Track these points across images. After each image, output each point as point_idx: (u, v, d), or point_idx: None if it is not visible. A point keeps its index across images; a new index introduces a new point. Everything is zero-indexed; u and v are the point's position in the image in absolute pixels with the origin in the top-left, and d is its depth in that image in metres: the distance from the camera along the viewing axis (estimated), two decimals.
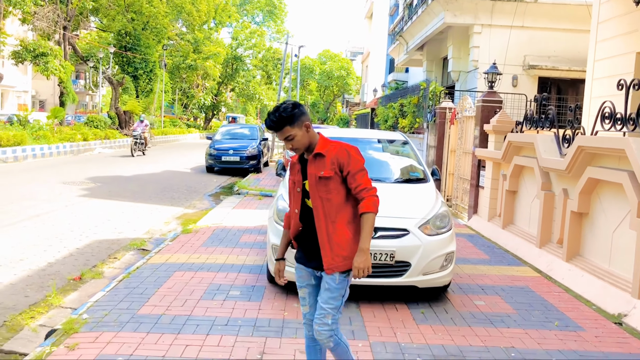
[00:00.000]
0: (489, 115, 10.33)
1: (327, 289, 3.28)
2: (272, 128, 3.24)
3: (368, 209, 3.21)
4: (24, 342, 4.76)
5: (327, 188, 3.23)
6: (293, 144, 3.24)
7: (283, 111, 3.20)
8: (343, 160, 3.22)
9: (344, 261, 3.23)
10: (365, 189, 3.24)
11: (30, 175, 15.90)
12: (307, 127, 3.26)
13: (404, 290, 5.84)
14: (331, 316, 3.26)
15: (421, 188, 6.38)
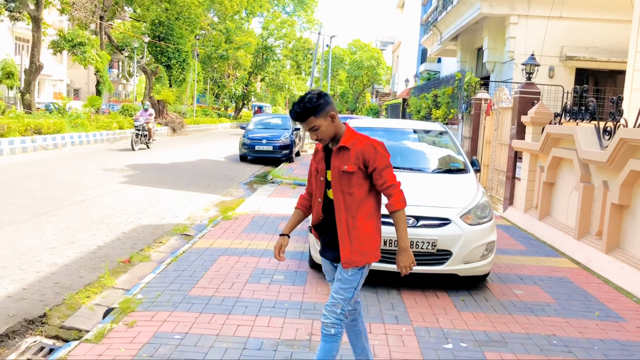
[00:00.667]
0: (527, 106, 10.30)
1: (339, 279, 3.27)
2: (297, 118, 3.22)
3: (399, 206, 3.19)
4: (82, 319, 5.02)
5: (350, 182, 3.19)
6: (318, 134, 3.21)
7: (308, 102, 3.17)
8: (369, 156, 3.17)
9: (362, 256, 3.21)
10: (392, 185, 3.20)
11: (71, 162, 16.37)
12: (333, 118, 3.22)
13: (444, 278, 5.96)
14: (341, 306, 3.24)
15: (462, 178, 6.47)
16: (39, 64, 23.16)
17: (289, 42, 60.71)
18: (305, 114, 3.16)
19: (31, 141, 19.45)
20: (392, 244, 5.45)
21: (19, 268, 6.10)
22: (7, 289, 5.45)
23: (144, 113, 22.38)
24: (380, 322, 4.77)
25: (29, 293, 5.42)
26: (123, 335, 4.28)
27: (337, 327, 3.24)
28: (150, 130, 22.17)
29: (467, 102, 14.65)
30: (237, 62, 52.05)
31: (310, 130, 3.20)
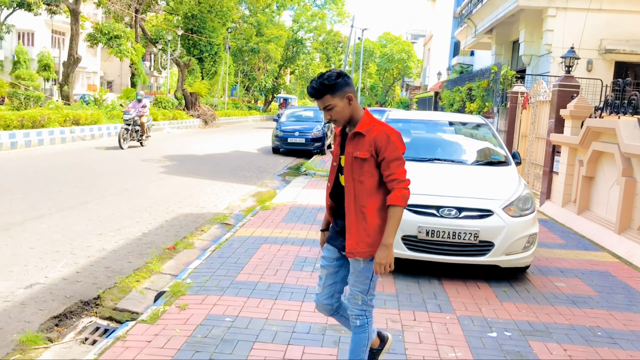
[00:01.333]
0: (565, 100, 10.20)
1: (353, 272, 3.21)
2: (313, 95, 3.12)
3: (397, 202, 3.03)
4: (134, 302, 5.22)
5: (361, 170, 3.08)
6: (332, 114, 3.10)
7: (326, 79, 3.07)
8: (381, 144, 3.04)
9: (368, 248, 3.10)
10: (396, 179, 3.04)
11: (110, 152, 16.74)
12: (350, 99, 3.10)
13: (484, 269, 6.00)
14: (360, 298, 3.20)
15: (503, 171, 6.48)
16: (77, 57, 23.68)
17: (319, 35, 60.75)
18: (321, 91, 3.07)
19: (70, 132, 19.94)
20: (432, 234, 5.52)
21: (70, 252, 6.33)
22: (61, 272, 5.67)
23: (137, 105, 19.07)
24: (424, 311, 4.85)
25: (82, 276, 5.64)
26: (176, 317, 4.45)
27: (362, 318, 3.24)
28: (144, 125, 18.94)
29: (502, 96, 14.54)
30: (267, 55, 52.31)
31: (325, 110, 3.11)
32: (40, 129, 18.24)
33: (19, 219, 7.58)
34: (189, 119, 33.56)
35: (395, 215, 3.05)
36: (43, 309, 4.74)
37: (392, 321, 4.57)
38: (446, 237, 5.53)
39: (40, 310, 4.70)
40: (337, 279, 3.36)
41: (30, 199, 8.96)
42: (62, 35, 52.25)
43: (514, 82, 14.52)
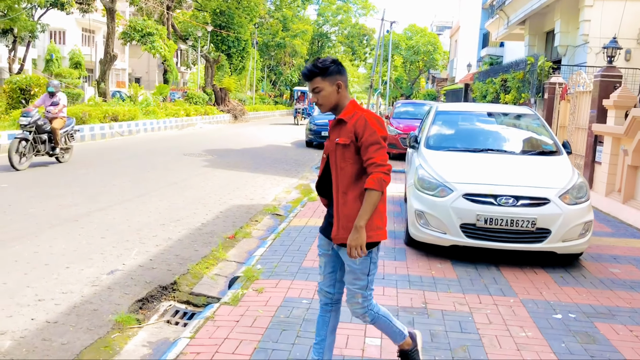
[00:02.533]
0: (608, 90, 10.26)
1: (349, 271, 3.20)
2: (305, 76, 3.18)
3: (372, 186, 2.98)
4: (207, 287, 5.51)
5: (343, 156, 3.08)
6: (319, 97, 3.13)
7: (320, 63, 3.14)
8: (359, 129, 3.03)
9: (348, 234, 3.07)
10: (374, 163, 3.01)
11: (152, 146, 17.18)
12: (339, 87, 3.13)
13: (539, 256, 6.18)
14: (360, 295, 3.20)
15: (556, 160, 6.63)
16: (113, 54, 24.21)
17: (345, 29, 60.77)
18: (313, 72, 3.11)
19: (109, 128, 20.48)
20: (491, 222, 5.71)
21: (139, 242, 6.66)
22: (136, 260, 6.00)
23: (47, 99, 12.29)
24: (488, 294, 5.06)
25: (156, 263, 5.95)
26: (255, 299, 4.72)
27: (369, 312, 3.26)
28: (57, 132, 12.11)
29: (539, 87, 14.57)
30: (293, 50, 52.57)
31: (313, 92, 3.14)
32: (82, 125, 18.76)
33: (84, 211, 7.95)
34: (220, 114, 34.03)
35: (370, 199, 2.99)
36: (128, 293, 5.06)
37: (459, 304, 4.79)
38: (504, 225, 5.72)
39: (125, 294, 5.01)
40: (337, 267, 3.34)
41: (89, 192, 9.35)
42: (92, 34, 53.15)
43: (551, 73, 14.53)
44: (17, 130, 13.99)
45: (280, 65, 56.25)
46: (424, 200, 6.09)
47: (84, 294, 4.92)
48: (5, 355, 3.75)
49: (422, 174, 6.30)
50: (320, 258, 3.43)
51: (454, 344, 4.00)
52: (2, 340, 3.94)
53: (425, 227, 6.06)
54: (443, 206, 5.90)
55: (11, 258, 5.72)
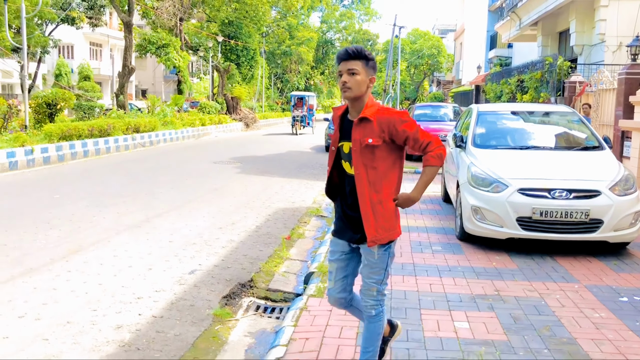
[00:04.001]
0: (633, 87, 10.58)
1: (367, 264, 3.21)
2: (347, 55, 3.09)
3: (434, 163, 3.09)
4: (281, 283, 5.84)
5: (374, 156, 3.06)
6: (351, 80, 3.06)
7: (364, 49, 3.13)
8: (395, 127, 3.05)
9: (387, 233, 3.12)
10: (429, 142, 3.08)
11: (179, 156, 17.56)
12: (371, 81, 3.13)
13: (588, 246, 6.50)
14: (375, 288, 3.22)
15: (601, 155, 6.96)
16: (131, 67, 24.63)
17: (349, 35, 61.25)
18: (358, 55, 3.07)
19: (132, 139, 20.83)
20: (546, 215, 6.03)
21: (205, 244, 7.00)
22: (209, 260, 6.33)
23: None
24: (552, 281, 5.38)
25: (228, 263, 6.28)
26: None
27: (377, 308, 3.26)
28: None
29: (559, 85, 14.90)
30: (299, 57, 53.03)
31: (347, 72, 3.07)
32: (107, 137, 19.15)
33: (142, 218, 8.29)
34: (232, 122, 34.43)
35: (430, 173, 3.11)
36: (213, 290, 5.39)
37: (529, 291, 5.11)
38: (559, 217, 6.04)
39: (212, 291, 5.34)
40: (348, 271, 3.36)
41: (140, 200, 9.69)
42: (99, 47, 53.79)
43: (569, 72, 14.87)
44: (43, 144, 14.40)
45: (287, 72, 56.72)
46: (479, 196, 6.42)
47: (176, 291, 5.25)
48: (130, 345, 4.08)
49: (475, 171, 6.63)
50: (331, 264, 3.39)
51: (536, 325, 4.31)
52: (122, 333, 4.28)
53: (482, 221, 6.38)
54: (499, 201, 6.22)
55: (96, 262, 6.06)
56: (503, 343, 3.96)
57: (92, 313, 4.63)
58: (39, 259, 6.05)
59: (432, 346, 3.91)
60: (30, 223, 7.71)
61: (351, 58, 3.07)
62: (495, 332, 4.17)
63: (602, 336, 4.13)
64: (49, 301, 4.85)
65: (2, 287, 5.17)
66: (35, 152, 14.99)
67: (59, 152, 16.11)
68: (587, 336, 4.12)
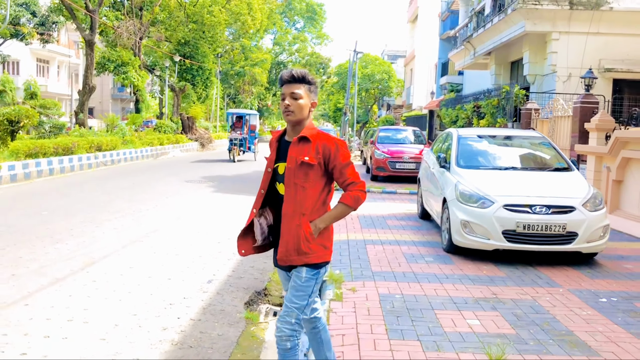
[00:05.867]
0: (587, 115, 11.63)
1: (293, 286, 3.16)
2: (291, 78, 3.10)
3: (348, 202, 3.12)
4: None
5: (307, 176, 3.07)
6: (294, 105, 3.08)
7: (308, 74, 3.15)
8: (330, 152, 3.08)
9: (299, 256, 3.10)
10: (352, 182, 3.11)
11: (146, 175, 17.66)
12: (312, 105, 3.16)
13: (562, 257, 7.25)
14: (295, 315, 3.13)
15: (571, 175, 7.77)
16: (92, 85, 24.52)
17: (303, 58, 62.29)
18: (301, 79, 3.10)
19: (94, 157, 20.76)
20: (528, 228, 6.73)
21: (213, 257, 7.36)
22: (220, 271, 6.70)
23: None
24: (539, 286, 6.04)
25: (240, 273, 6.68)
26: (354, 296, 5.54)
27: (292, 340, 3.14)
28: None
29: (515, 112, 15.99)
30: (253, 78, 53.57)
31: (290, 96, 3.09)
32: (71, 155, 19.05)
33: (141, 233, 8.55)
34: (189, 142, 34.48)
35: (341, 210, 3.14)
36: (235, 297, 5.79)
37: (522, 294, 5.75)
38: (539, 230, 6.75)
39: (235, 298, 5.74)
40: None
41: (131, 217, 9.91)
42: (47, 64, 52.71)
43: (524, 100, 15.99)
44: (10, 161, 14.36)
45: (240, 93, 57.11)
46: (467, 211, 7.07)
47: (203, 298, 5.62)
48: (182, 344, 4.45)
49: (463, 188, 7.30)
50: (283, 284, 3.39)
51: (537, 321, 4.94)
52: (170, 334, 4.63)
53: (470, 234, 7.03)
54: (486, 216, 6.89)
55: (115, 272, 6.34)
56: (513, 336, 4.55)
57: (133, 317, 4.96)
58: (60, 271, 6.29)
59: (454, 339, 4.46)
60: (34, 238, 7.87)
61: (295, 82, 3.10)
62: (503, 327, 4.76)
63: (593, 329, 4.78)
64: (89, 307, 5.14)
65: (39, 296, 5.42)
66: (1, 169, 14.85)
67: (25, 169, 16.00)
68: (581, 329, 4.76)
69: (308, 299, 3.16)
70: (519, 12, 16.24)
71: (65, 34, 52.41)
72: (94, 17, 23.54)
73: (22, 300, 5.24)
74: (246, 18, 39.33)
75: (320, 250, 3.14)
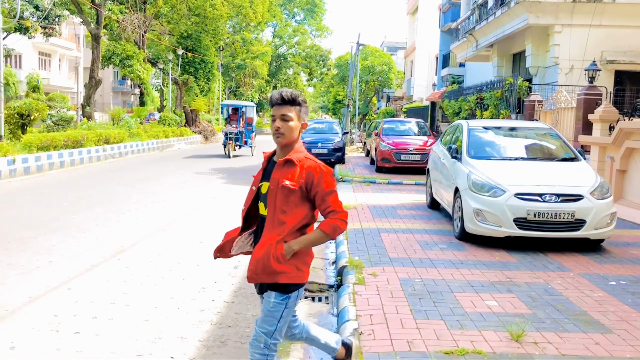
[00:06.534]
0: (591, 106, 11.92)
1: (263, 310, 3.15)
2: (281, 100, 3.08)
3: (326, 229, 3.05)
4: (314, 277, 6.53)
5: (287, 200, 3.03)
6: (283, 126, 3.06)
7: (299, 95, 3.13)
8: (313, 178, 3.03)
9: (268, 276, 3.06)
10: (333, 211, 3.05)
11: (157, 168, 17.94)
12: (303, 127, 3.15)
13: (570, 243, 7.55)
14: (264, 340, 3.11)
15: (578, 165, 8.07)
16: (98, 79, 24.73)
17: (303, 50, 62.45)
18: (291, 101, 3.08)
19: (103, 150, 21.03)
20: (538, 216, 7.03)
21: None
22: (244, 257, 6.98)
23: None
24: (550, 271, 6.35)
25: None
26: (375, 280, 5.84)
27: None
28: None
29: (518, 104, 16.27)
30: (254, 71, 53.74)
31: (280, 118, 3.06)
32: (80, 148, 19.32)
33: (164, 223, 8.85)
34: (193, 135, 34.72)
35: (316, 237, 3.08)
36: None
37: (534, 278, 6.05)
38: (549, 218, 7.05)
39: None
40: None
41: (151, 207, 10.21)
42: (49, 57, 52.80)
43: (528, 92, 16.27)
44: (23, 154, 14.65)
45: (241, 86, 57.29)
46: (480, 200, 7.37)
47: (232, 282, 5.93)
48: (220, 324, 4.75)
49: (475, 178, 7.59)
50: None
51: (551, 302, 5.24)
52: (207, 315, 4.93)
53: (483, 222, 7.32)
54: (498, 204, 7.19)
55: (145, 259, 6.64)
56: (531, 315, 4.85)
57: (171, 300, 5.26)
58: (94, 258, 6.60)
59: (475, 318, 4.76)
60: (62, 227, 8.18)
61: (285, 104, 3.07)
62: (520, 308, 5.06)
63: (605, 309, 5.09)
64: (127, 291, 5.45)
65: (79, 281, 5.72)
66: (16, 162, 15.12)
67: (38, 162, 16.26)
68: (594, 309, 5.07)
69: (277, 324, 3.10)
70: (522, 5, 16.49)
71: (66, 27, 52.55)
72: (100, 10, 23.72)
73: (64, 285, 5.54)
74: (248, 11, 39.48)
75: (293, 271, 3.06)
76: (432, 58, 42.15)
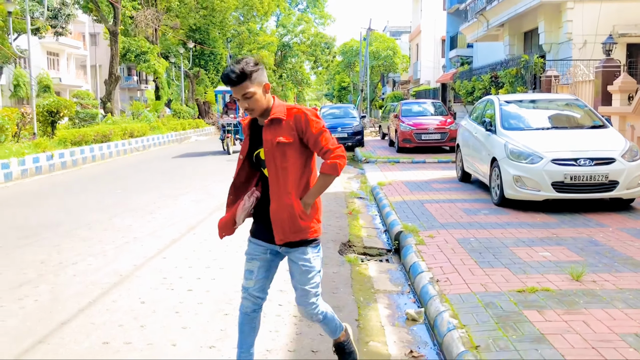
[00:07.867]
0: (609, 78, 12.42)
1: (304, 270, 3.17)
2: (231, 82, 2.95)
3: (327, 171, 3.07)
4: (372, 242, 7.20)
5: (285, 156, 3.03)
6: (250, 103, 2.99)
7: (245, 65, 2.96)
8: (301, 124, 3.03)
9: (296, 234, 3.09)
10: (328, 150, 3.04)
11: (189, 156, 18.56)
12: (266, 89, 3.04)
13: (602, 204, 8.12)
14: (314, 293, 3.19)
15: (607, 131, 8.63)
16: (117, 75, 25.32)
17: (307, 39, 62.78)
18: (241, 77, 2.93)
19: (128, 144, 21.66)
20: (574, 179, 7.60)
21: None
22: None
23: None
24: (591, 227, 6.92)
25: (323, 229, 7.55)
26: (434, 241, 6.43)
27: (321, 313, 3.28)
28: None
29: (534, 80, 16.77)
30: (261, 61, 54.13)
31: (243, 98, 2.98)
32: (108, 142, 19.95)
33: (217, 204, 9.45)
34: (207, 126, 35.33)
35: (324, 182, 3.11)
36: (329, 247, 6.67)
37: (578, 233, 6.63)
38: (585, 180, 7.62)
39: (328, 248, 6.61)
40: (270, 274, 3.31)
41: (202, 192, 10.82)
42: (57, 57, 53.29)
43: (543, 68, 16.75)
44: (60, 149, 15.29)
45: None
46: (518, 167, 7.93)
47: None
48: None
49: (513, 147, 8.16)
50: (250, 263, 3.28)
51: (598, 251, 5.82)
52: None
53: (522, 187, 7.89)
54: (537, 170, 7.76)
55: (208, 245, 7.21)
56: (583, 261, 5.43)
57: None
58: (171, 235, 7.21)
59: (535, 265, 5.35)
60: (129, 210, 8.83)
61: (238, 82, 2.95)
62: (572, 257, 5.64)
63: None
64: (216, 257, 6.05)
65: (168, 252, 6.34)
66: (54, 157, 15.74)
67: (73, 157, 16.89)
68: (639, 255, 5.65)
69: (319, 274, 3.22)
70: None
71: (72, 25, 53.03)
72: (117, 7, 24.25)
73: (159, 255, 6.17)
74: (255, 1, 39.88)
75: (315, 225, 3.18)
76: (438, 40, 42.51)
